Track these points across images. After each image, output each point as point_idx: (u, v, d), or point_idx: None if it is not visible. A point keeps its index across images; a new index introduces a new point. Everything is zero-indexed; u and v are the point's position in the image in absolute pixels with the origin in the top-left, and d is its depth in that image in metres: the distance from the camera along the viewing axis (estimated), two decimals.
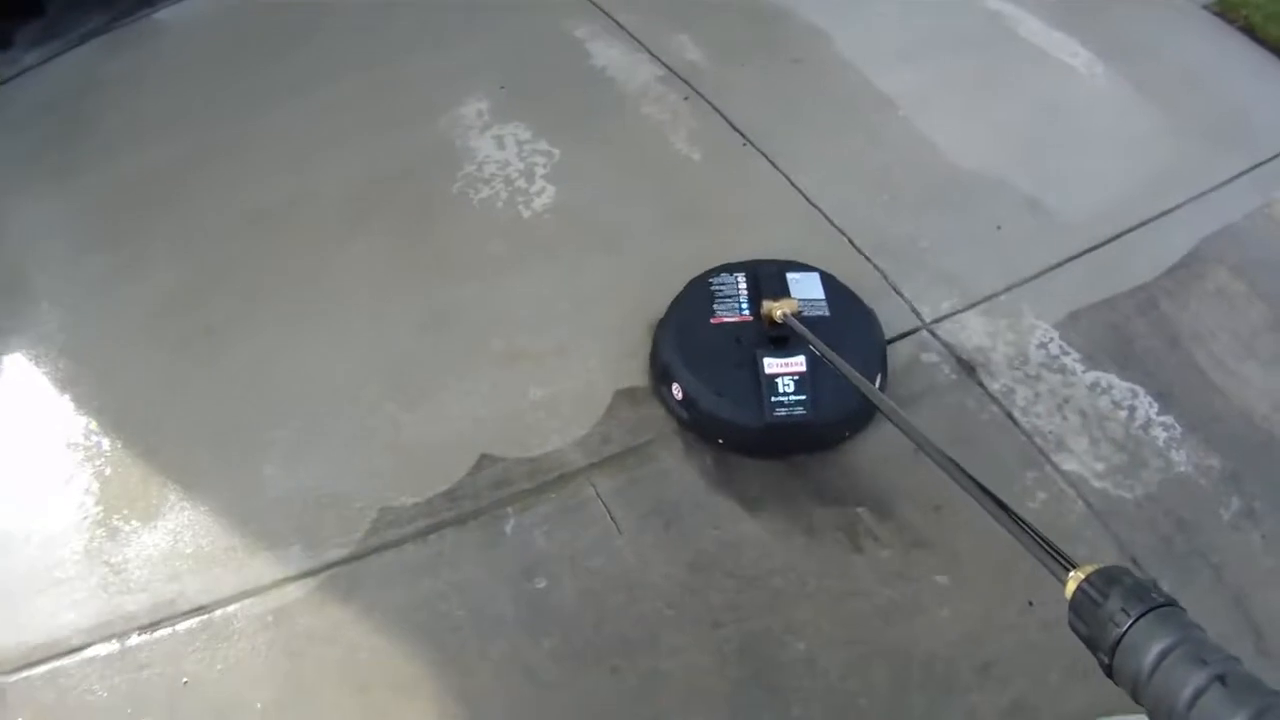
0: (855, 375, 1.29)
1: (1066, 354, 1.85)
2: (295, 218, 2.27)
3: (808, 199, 2.02)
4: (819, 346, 1.42)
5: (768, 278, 1.69)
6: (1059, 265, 1.98)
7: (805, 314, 1.59)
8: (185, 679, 1.62)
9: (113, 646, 1.67)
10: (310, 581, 1.59)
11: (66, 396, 2.11)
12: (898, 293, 1.78)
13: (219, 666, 1.63)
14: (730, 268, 1.74)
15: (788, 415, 1.50)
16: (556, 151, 2.21)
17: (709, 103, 2.25)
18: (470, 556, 1.55)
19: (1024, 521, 0.75)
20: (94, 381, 2.10)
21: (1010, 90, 2.15)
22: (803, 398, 1.51)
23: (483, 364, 1.77)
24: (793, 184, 2.05)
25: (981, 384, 1.80)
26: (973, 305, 1.92)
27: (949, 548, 1.45)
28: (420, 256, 2.02)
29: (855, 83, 2.27)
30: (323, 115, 2.57)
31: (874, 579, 1.44)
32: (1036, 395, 1.79)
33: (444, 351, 1.92)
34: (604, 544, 1.53)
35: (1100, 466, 1.69)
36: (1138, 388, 1.79)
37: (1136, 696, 0.57)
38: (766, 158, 2.10)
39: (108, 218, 2.48)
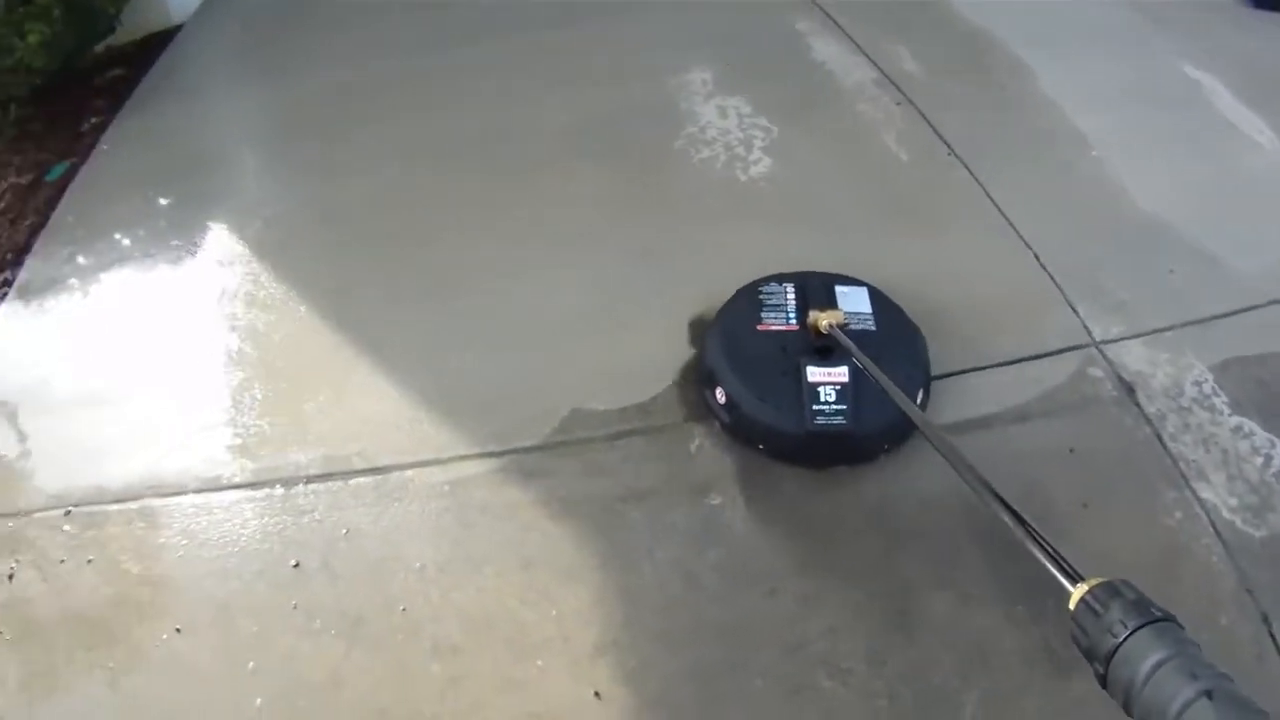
0: (892, 387, 1.35)
1: (1217, 395, 2.08)
2: (513, 146, 2.58)
3: (1001, 211, 2.26)
4: (860, 357, 1.48)
5: (816, 289, 1.76)
6: (1222, 316, 2.21)
7: (852, 327, 1.66)
8: (346, 529, 1.88)
9: (275, 490, 1.86)
10: (493, 461, 1.77)
11: (266, 262, 2.45)
12: (1073, 309, 1.98)
13: (384, 523, 1.84)
14: (780, 277, 1.82)
15: (827, 424, 1.55)
16: (775, 129, 2.50)
17: (919, 111, 2.51)
18: (652, 466, 1.69)
19: (1042, 537, 0.78)
20: (299, 251, 2.33)
21: (1197, 150, 2.36)
22: (843, 408, 1.55)
23: (687, 301, 1.98)
24: (988, 195, 2.30)
25: (1139, 404, 2.07)
26: (1139, 335, 2.15)
27: None
28: (639, 196, 2.25)
29: (1054, 117, 2.52)
30: (541, 59, 2.92)
31: None
32: (1185, 426, 2.03)
33: (654, 283, 2.18)
34: (778, 478, 1.69)
35: (1234, 502, 1.89)
36: (1276, 439, 2.03)
37: (1127, 707, 0.59)
38: (967, 169, 2.34)
39: (315, 117, 2.85)
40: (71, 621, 1.90)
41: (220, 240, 2.47)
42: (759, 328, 1.73)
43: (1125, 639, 0.60)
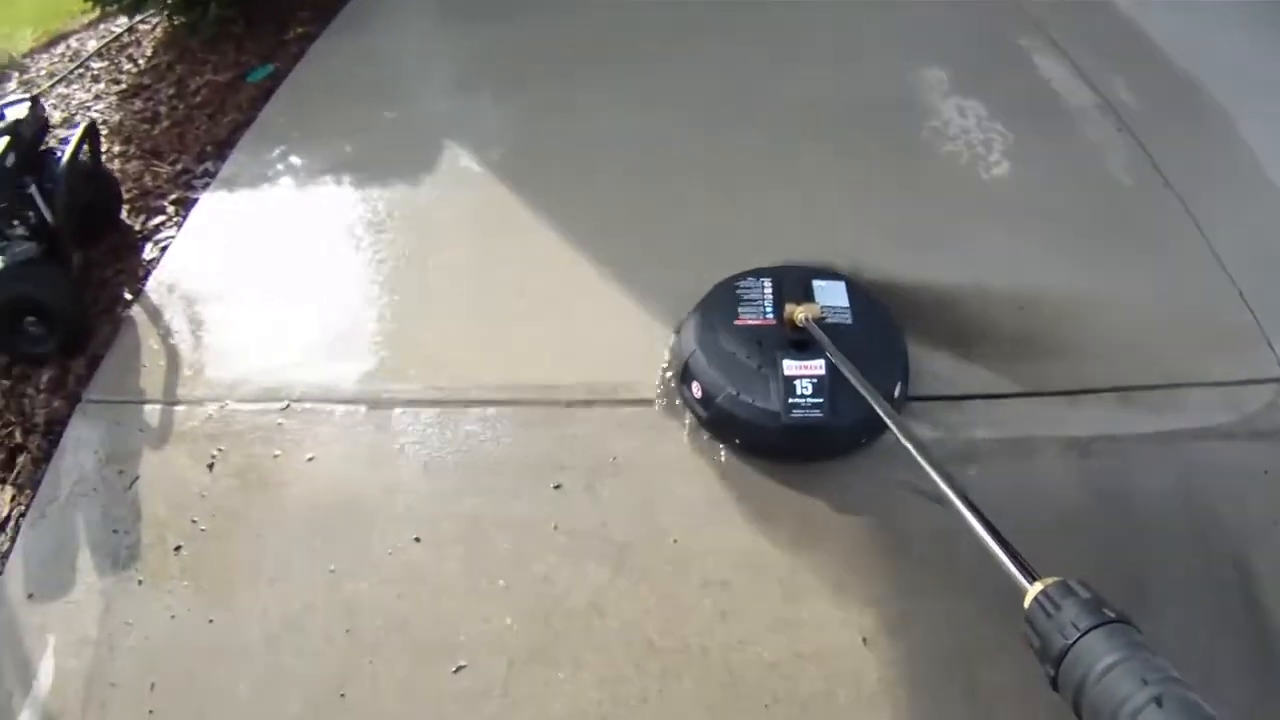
0: (860, 379, 1.39)
1: None
2: (750, 114, 2.71)
3: (1208, 242, 2.25)
4: (832, 350, 1.52)
5: (793, 283, 1.79)
6: None
7: (829, 320, 1.69)
8: (614, 456, 1.86)
9: (537, 410, 1.95)
10: None
11: (504, 185, 2.57)
12: (1269, 344, 1.94)
13: (653, 454, 1.85)
14: (757, 272, 1.84)
15: (804, 417, 1.57)
16: (1011, 136, 2.57)
17: (1137, 140, 2.57)
18: None
19: (1001, 535, 0.79)
20: (538, 182, 2.53)
21: None
22: (820, 400, 1.58)
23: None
24: (1198, 226, 2.29)
25: None
26: None
27: None
28: (889, 179, 2.42)
29: (1250, 164, 2.55)
30: (771, 35, 3.05)
31: None
32: None
33: (908, 263, 2.18)
34: None
35: None
36: None
37: (1077, 710, 0.59)
38: (1180, 200, 2.37)
39: (540, 58, 3.07)
40: (286, 518, 1.88)
41: (454, 163, 2.63)
42: (736, 322, 1.76)
43: (1076, 640, 0.59)
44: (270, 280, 2.39)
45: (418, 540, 1.77)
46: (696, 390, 1.72)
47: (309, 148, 2.83)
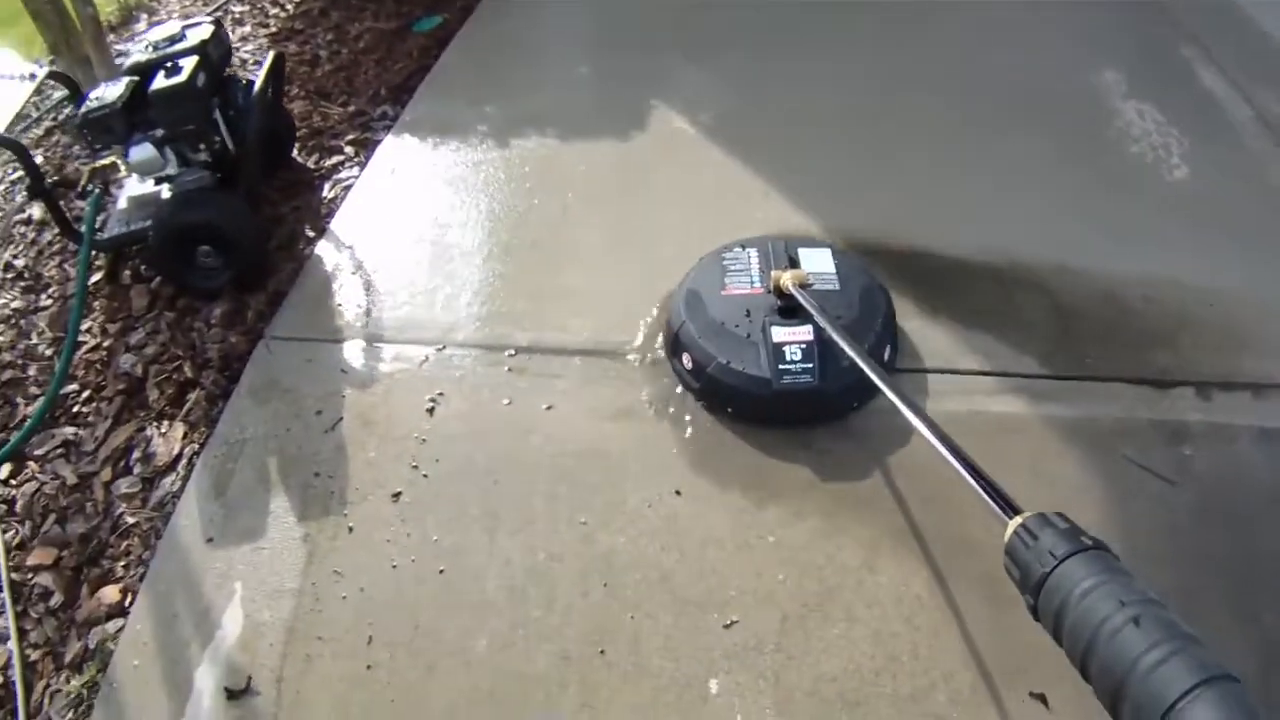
0: (847, 338, 1.46)
1: None
2: (934, 98, 2.78)
3: None
4: (819, 313, 1.59)
5: (779, 252, 1.89)
6: None
7: (816, 287, 1.76)
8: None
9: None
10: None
11: (712, 147, 2.57)
12: None
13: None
14: (744, 243, 1.96)
15: (794, 382, 1.67)
16: (1186, 141, 2.61)
17: None
18: None
19: (983, 473, 0.85)
20: (737, 142, 2.59)
21: None
22: (810, 365, 1.68)
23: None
24: None
25: None
26: None
27: None
28: (1085, 172, 2.47)
29: None
30: (936, 27, 3.16)
31: None
32: None
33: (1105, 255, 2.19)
34: None
35: None
36: None
37: (1056, 635, 0.62)
38: None
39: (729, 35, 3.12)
40: (524, 466, 1.86)
41: (663, 121, 2.72)
42: (723, 293, 1.85)
43: (1055, 567, 0.62)
44: (462, 225, 2.43)
45: (678, 494, 1.75)
46: (687, 361, 1.80)
47: (492, 98, 2.91)
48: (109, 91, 2.25)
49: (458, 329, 2.12)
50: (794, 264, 1.88)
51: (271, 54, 2.42)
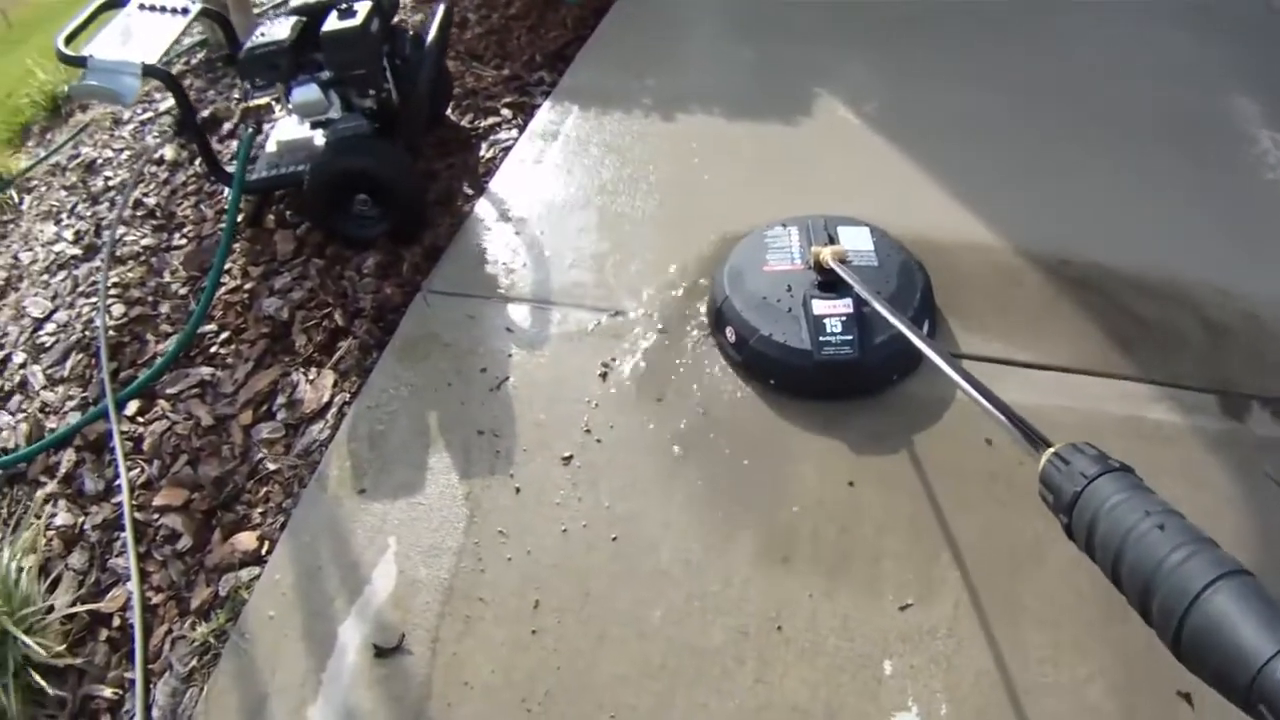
0: (890, 309, 1.51)
1: None
2: (1096, 117, 2.76)
3: None
4: (859, 284, 1.70)
5: (819, 230, 2.05)
6: None
7: (855, 263, 1.91)
8: None
9: None
10: None
11: (874, 135, 2.56)
12: None
13: None
14: (785, 221, 2.11)
15: (835, 354, 1.80)
16: None
17: None
18: None
19: (1016, 413, 0.94)
20: (896, 135, 2.58)
21: None
22: (850, 338, 1.80)
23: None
24: None
25: None
26: None
27: None
28: (1219, 190, 2.46)
29: None
30: (1089, 42, 3.14)
31: None
32: None
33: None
34: None
35: None
36: None
37: (1089, 549, 0.70)
38: None
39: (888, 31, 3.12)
40: (709, 439, 1.89)
41: (827, 110, 2.78)
42: (765, 269, 1.99)
43: (1085, 486, 0.72)
44: (630, 193, 2.49)
45: (851, 485, 1.77)
46: (730, 335, 1.93)
47: (652, 72, 2.99)
48: (275, 29, 2.35)
49: (630, 295, 2.17)
50: (833, 241, 2.01)
51: (443, 5, 2.46)
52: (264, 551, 1.86)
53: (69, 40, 2.30)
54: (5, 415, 2.44)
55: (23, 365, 2.57)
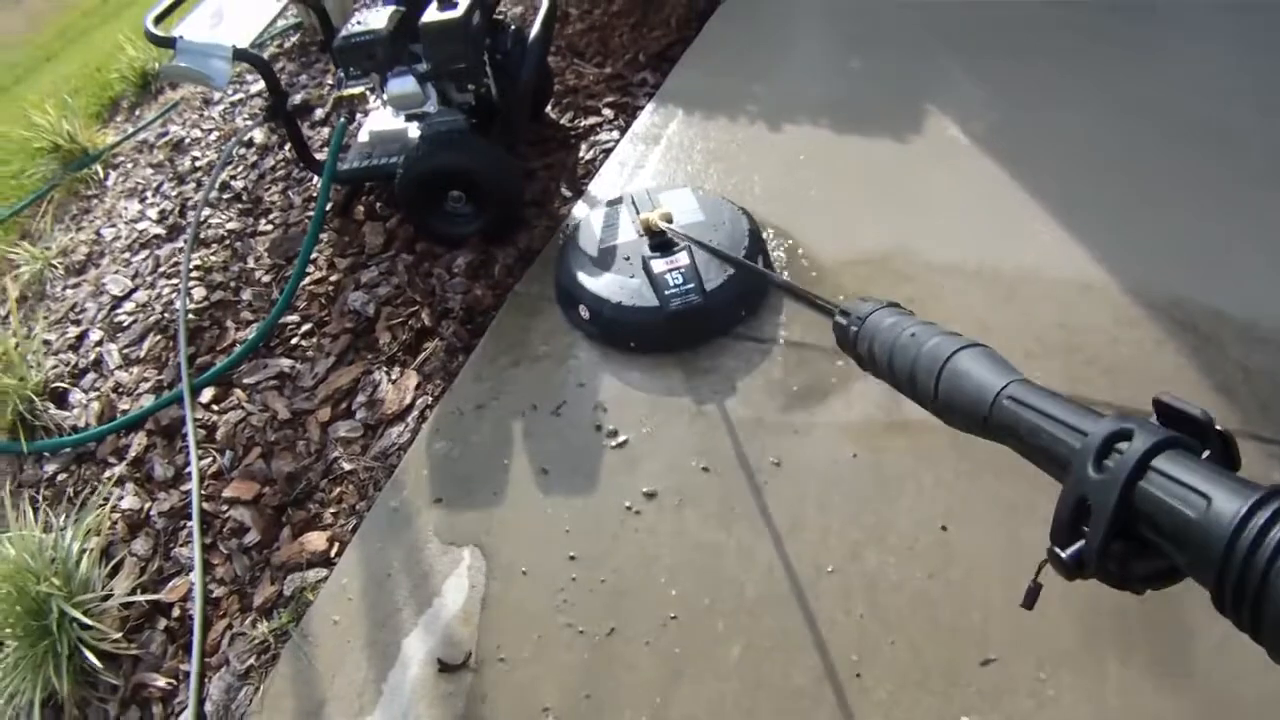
0: (719, 249, 1.83)
1: None
2: (1224, 159, 2.66)
3: None
4: (688, 236, 2.04)
5: (642, 200, 2.35)
6: None
7: (681, 221, 2.24)
8: None
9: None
10: None
11: (984, 159, 2.54)
12: None
13: None
14: (609, 201, 2.44)
15: (684, 304, 2.06)
16: None
17: None
18: None
19: (802, 290, 1.17)
20: (1014, 160, 2.52)
21: None
22: (692, 285, 2.08)
23: None
24: None
25: None
26: None
27: None
28: None
29: None
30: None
31: None
32: None
33: None
34: None
35: None
36: None
37: (873, 366, 0.90)
38: None
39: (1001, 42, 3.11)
40: (793, 467, 1.90)
41: (937, 128, 2.80)
42: (601, 246, 2.29)
43: (861, 325, 0.93)
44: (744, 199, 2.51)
45: (944, 529, 1.76)
46: (584, 312, 2.18)
47: (759, 78, 3.06)
48: (373, 18, 2.45)
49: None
50: (657, 205, 2.30)
51: (547, 1, 2.54)
52: (333, 553, 1.94)
53: (159, 20, 2.43)
54: (78, 392, 2.59)
55: (99, 343, 2.73)
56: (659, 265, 2.15)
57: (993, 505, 1.74)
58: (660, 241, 2.21)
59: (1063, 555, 0.59)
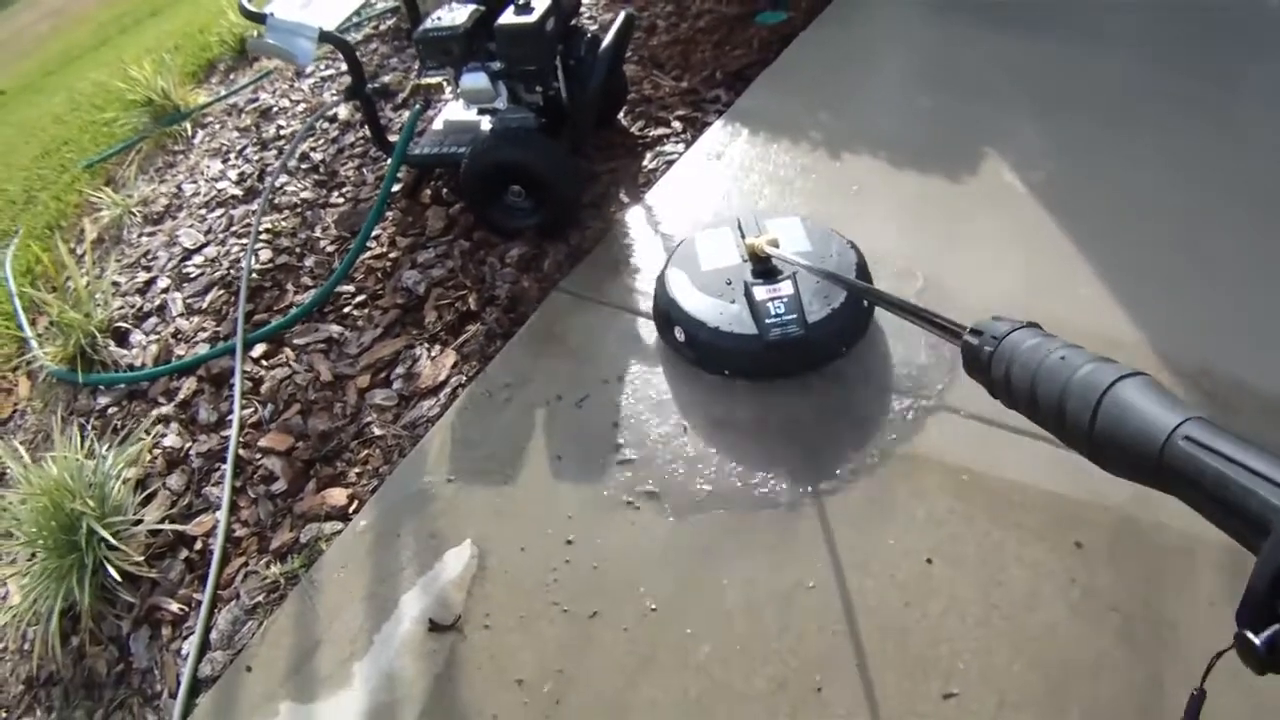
0: (827, 271, 1.73)
1: None
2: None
3: None
4: (796, 261, 1.94)
5: (750, 225, 2.32)
6: None
7: (788, 250, 2.13)
8: None
9: None
10: None
11: (1037, 206, 2.52)
12: None
13: None
14: (716, 223, 2.42)
15: (784, 334, 2.03)
16: None
17: None
18: None
19: (926, 312, 1.11)
20: (1071, 212, 2.49)
21: None
22: (794, 316, 2.05)
23: None
24: None
25: None
26: None
27: None
28: None
29: None
30: None
31: None
32: None
33: None
34: None
35: None
36: None
37: (1010, 396, 0.85)
38: None
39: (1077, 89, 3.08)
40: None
41: (993, 172, 2.83)
42: (704, 269, 2.25)
43: (997, 346, 0.87)
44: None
45: (929, 562, 1.81)
46: (680, 334, 2.17)
47: (827, 105, 3.15)
48: (453, 15, 2.64)
49: None
50: (764, 230, 2.27)
51: (624, 13, 2.72)
52: (351, 510, 2.10)
53: None
54: (139, 334, 2.82)
55: (165, 290, 2.97)
56: (761, 292, 2.12)
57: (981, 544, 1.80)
58: (764, 269, 2.19)
59: (1255, 640, 0.50)
